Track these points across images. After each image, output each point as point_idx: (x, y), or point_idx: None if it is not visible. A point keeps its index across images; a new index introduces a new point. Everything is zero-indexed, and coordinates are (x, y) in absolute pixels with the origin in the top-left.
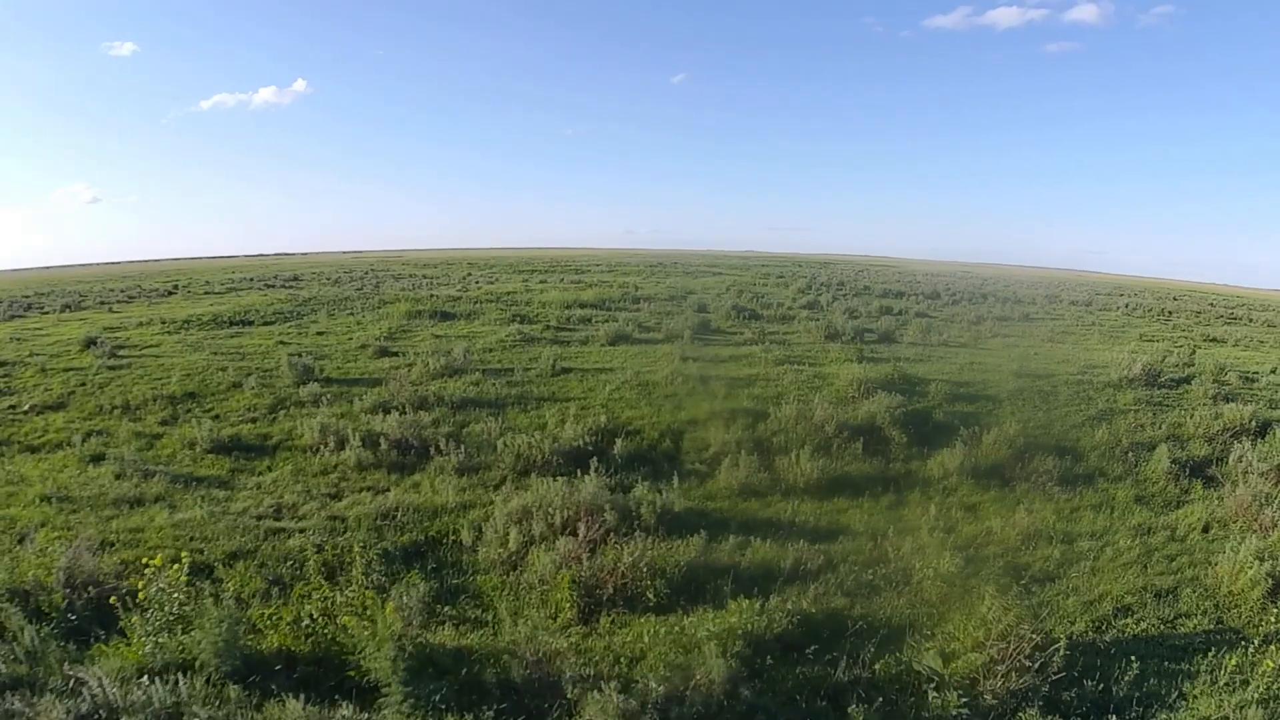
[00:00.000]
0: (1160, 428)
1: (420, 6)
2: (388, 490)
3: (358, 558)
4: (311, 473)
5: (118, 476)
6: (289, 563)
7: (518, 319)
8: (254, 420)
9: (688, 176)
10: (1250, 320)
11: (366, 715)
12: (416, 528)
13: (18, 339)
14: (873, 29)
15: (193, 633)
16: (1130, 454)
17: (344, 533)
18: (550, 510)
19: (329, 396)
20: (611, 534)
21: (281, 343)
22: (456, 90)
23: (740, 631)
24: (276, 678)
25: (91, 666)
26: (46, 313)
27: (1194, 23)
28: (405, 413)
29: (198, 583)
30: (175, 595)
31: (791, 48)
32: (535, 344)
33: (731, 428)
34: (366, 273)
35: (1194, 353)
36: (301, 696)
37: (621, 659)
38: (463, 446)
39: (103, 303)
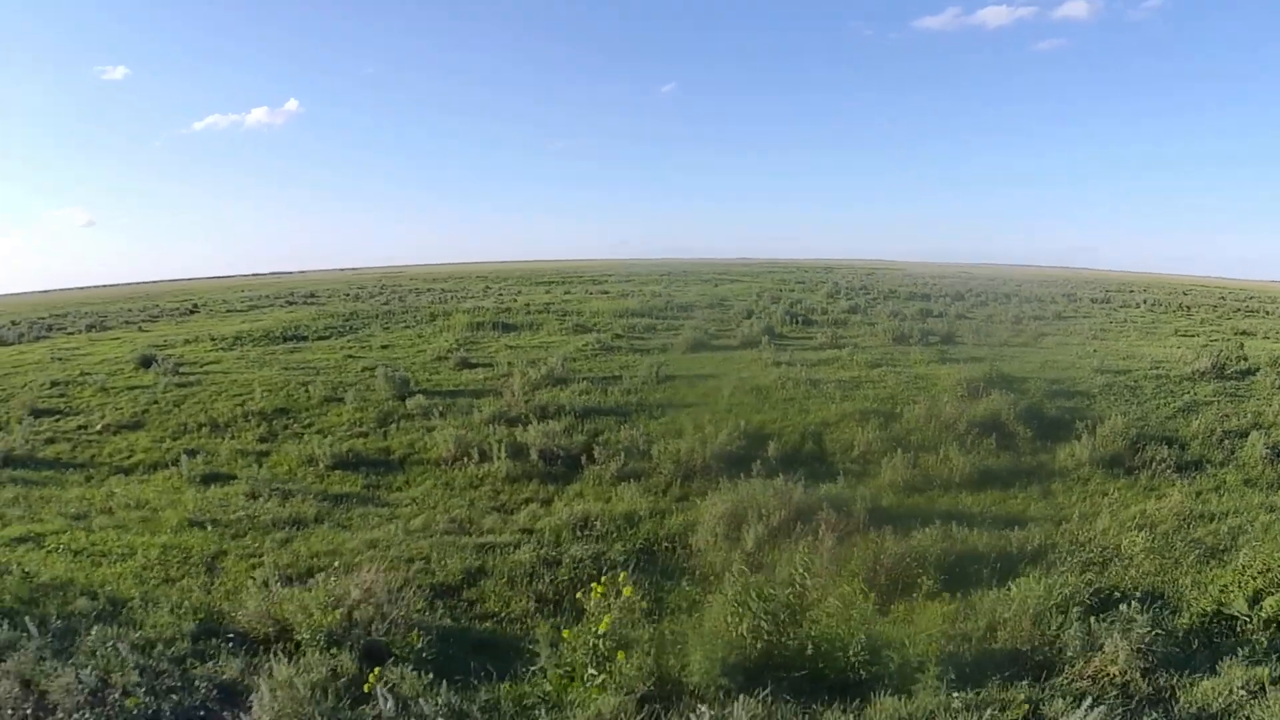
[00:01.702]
0: (1245, 417)
1: (409, 25)
2: (550, 501)
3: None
4: (460, 486)
5: (251, 496)
6: (544, 580)
7: (581, 329)
8: (364, 435)
9: (679, 185)
10: (1267, 313)
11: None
12: (622, 536)
13: (59, 359)
14: (862, 32)
15: (684, 656)
16: (1225, 441)
17: (554, 545)
18: (765, 511)
19: (439, 409)
20: (853, 530)
21: (350, 356)
22: (443, 107)
23: (1073, 599)
24: (778, 689)
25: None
26: (71, 333)
27: (1183, 18)
28: (534, 422)
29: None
30: (617, 617)
31: (780, 53)
32: (616, 352)
33: (866, 428)
34: (382, 289)
35: (1242, 346)
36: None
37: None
38: (621, 454)
39: (127, 322)
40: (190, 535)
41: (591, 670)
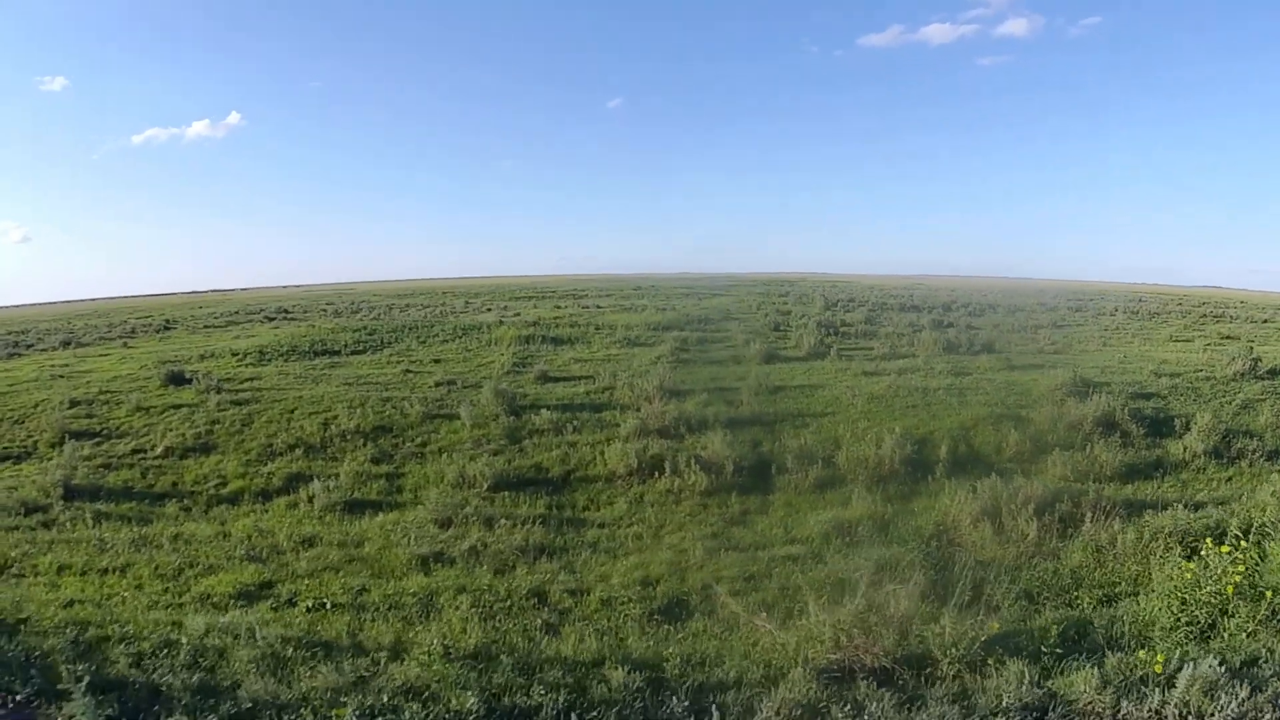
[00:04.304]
0: None
1: (355, 43)
2: (766, 510)
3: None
4: (656, 502)
5: (442, 524)
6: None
7: (630, 342)
8: (498, 453)
9: (621, 204)
10: (1233, 318)
11: None
12: (891, 536)
13: (59, 376)
14: (808, 49)
15: None
16: None
17: (842, 549)
18: (1016, 505)
19: (573, 424)
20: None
21: (408, 371)
22: (386, 125)
23: None
24: None
25: None
26: (44, 350)
27: (1121, 33)
28: (686, 435)
29: None
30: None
31: (727, 70)
32: (691, 365)
33: (1001, 430)
34: (356, 305)
35: (1251, 350)
36: None
37: None
38: (819, 462)
39: (103, 338)
40: (454, 573)
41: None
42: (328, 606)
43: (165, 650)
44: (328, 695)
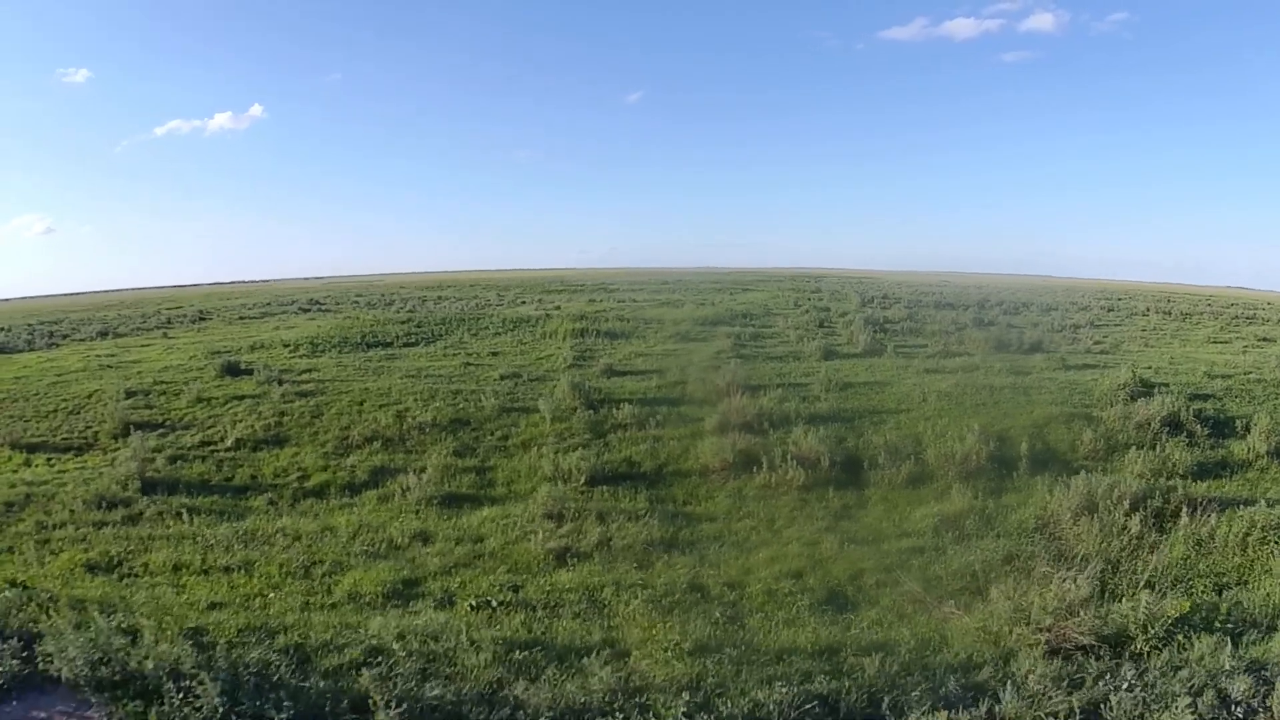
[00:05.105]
0: None
1: (374, 36)
2: (866, 505)
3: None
4: (758, 496)
5: (555, 519)
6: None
7: (684, 338)
8: (584, 446)
9: (639, 196)
10: (1265, 320)
11: None
12: (996, 530)
13: (108, 366)
14: (827, 42)
15: None
16: None
17: (959, 540)
18: (1112, 500)
19: (656, 418)
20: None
21: (468, 364)
22: (405, 118)
23: None
24: None
25: None
26: (82, 340)
27: (1147, 28)
28: (770, 431)
29: None
30: None
31: (745, 64)
32: (754, 360)
33: (1073, 428)
34: (387, 298)
35: None
36: None
37: None
38: (913, 458)
39: (140, 329)
40: (596, 569)
41: None
42: (493, 605)
43: (379, 658)
44: (613, 697)
